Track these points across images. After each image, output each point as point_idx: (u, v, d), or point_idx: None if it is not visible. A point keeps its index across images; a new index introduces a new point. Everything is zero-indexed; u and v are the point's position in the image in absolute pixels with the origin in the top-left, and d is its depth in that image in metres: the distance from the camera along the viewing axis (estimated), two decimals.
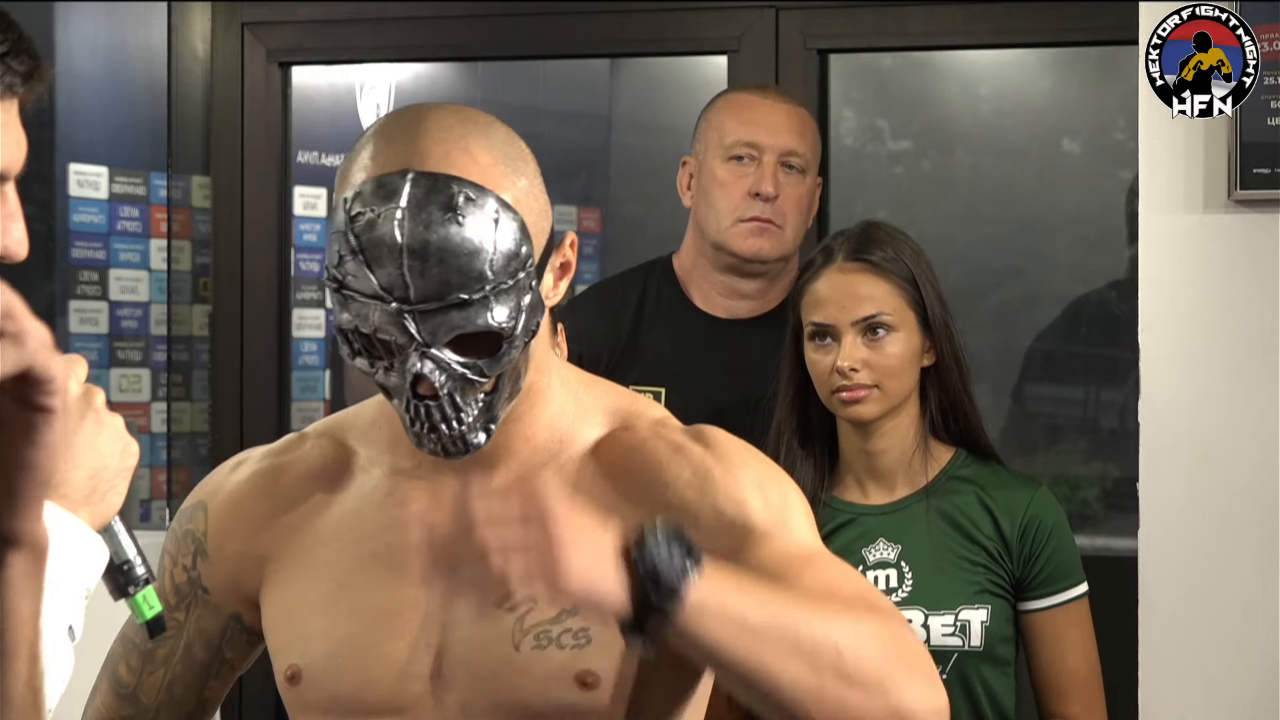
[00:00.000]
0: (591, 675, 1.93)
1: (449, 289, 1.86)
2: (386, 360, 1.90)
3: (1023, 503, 3.03)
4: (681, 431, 2.03)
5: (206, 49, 4.68)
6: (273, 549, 2.07)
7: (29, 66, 1.56)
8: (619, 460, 2.01)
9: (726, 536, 1.96)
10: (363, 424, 2.08)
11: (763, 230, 3.40)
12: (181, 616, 2.15)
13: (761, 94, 3.52)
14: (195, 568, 2.13)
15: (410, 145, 1.90)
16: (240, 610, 2.12)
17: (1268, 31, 3.11)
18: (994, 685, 3.00)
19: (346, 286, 1.88)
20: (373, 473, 2.05)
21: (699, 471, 1.98)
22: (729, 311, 3.46)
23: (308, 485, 2.08)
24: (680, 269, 3.52)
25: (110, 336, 4.79)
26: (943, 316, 3.04)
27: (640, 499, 1.98)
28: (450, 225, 1.86)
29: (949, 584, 3.00)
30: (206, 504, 2.13)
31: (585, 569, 1.76)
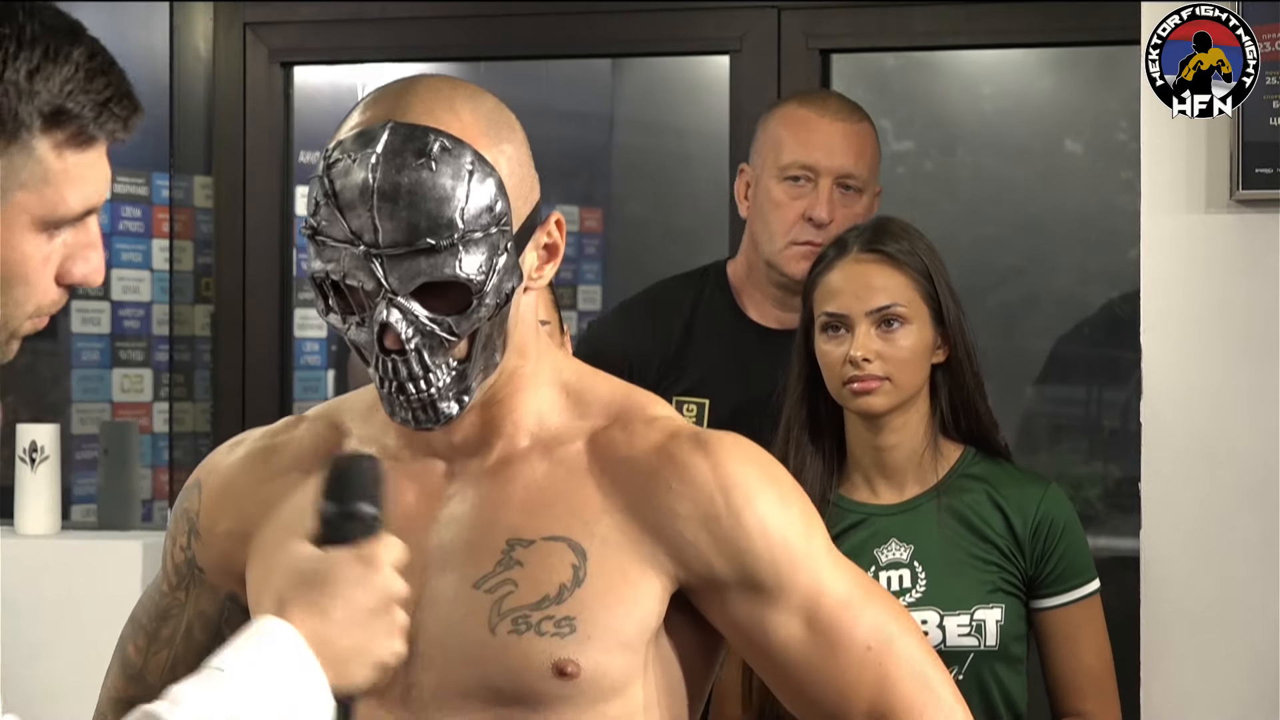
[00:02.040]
0: (572, 665, 1.92)
1: (417, 233, 1.86)
2: (358, 315, 1.90)
3: (1034, 501, 3.03)
4: (684, 442, 1.99)
5: (208, 49, 4.68)
6: (257, 526, 2.08)
7: (129, 110, 1.65)
8: (617, 465, 1.99)
9: (745, 594, 1.98)
10: (361, 407, 2.09)
11: (814, 254, 3.36)
12: (182, 597, 2.16)
13: (821, 109, 3.42)
14: (190, 547, 2.14)
15: (396, 101, 1.92)
16: (235, 589, 2.12)
17: (1268, 31, 3.12)
18: (1008, 684, 3.00)
19: (320, 232, 1.89)
20: (364, 453, 2.04)
21: (707, 515, 1.96)
22: (780, 322, 3.43)
23: (297, 466, 2.08)
24: (734, 277, 3.49)
25: (112, 336, 4.79)
26: (956, 313, 3.04)
27: (645, 519, 1.97)
28: (422, 170, 1.87)
29: (963, 584, 2.99)
30: (202, 483, 2.14)
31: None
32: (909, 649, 2.02)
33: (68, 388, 4.79)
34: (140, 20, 4.75)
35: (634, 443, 1.99)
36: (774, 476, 2.02)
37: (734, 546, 1.96)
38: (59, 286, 1.67)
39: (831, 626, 2.00)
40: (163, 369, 4.80)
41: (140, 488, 4.35)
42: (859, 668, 2.00)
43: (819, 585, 1.99)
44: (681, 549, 1.96)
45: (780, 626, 1.99)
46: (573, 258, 6.15)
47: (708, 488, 1.97)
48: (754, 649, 2.01)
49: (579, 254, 6.21)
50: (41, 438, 4.15)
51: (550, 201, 2.02)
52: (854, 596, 2.01)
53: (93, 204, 1.66)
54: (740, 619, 1.99)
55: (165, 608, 2.18)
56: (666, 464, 1.97)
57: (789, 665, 2.01)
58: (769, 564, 1.97)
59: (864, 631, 2.00)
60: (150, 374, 4.82)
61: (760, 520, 1.97)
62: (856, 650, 2.00)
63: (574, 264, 6.16)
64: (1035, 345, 5.54)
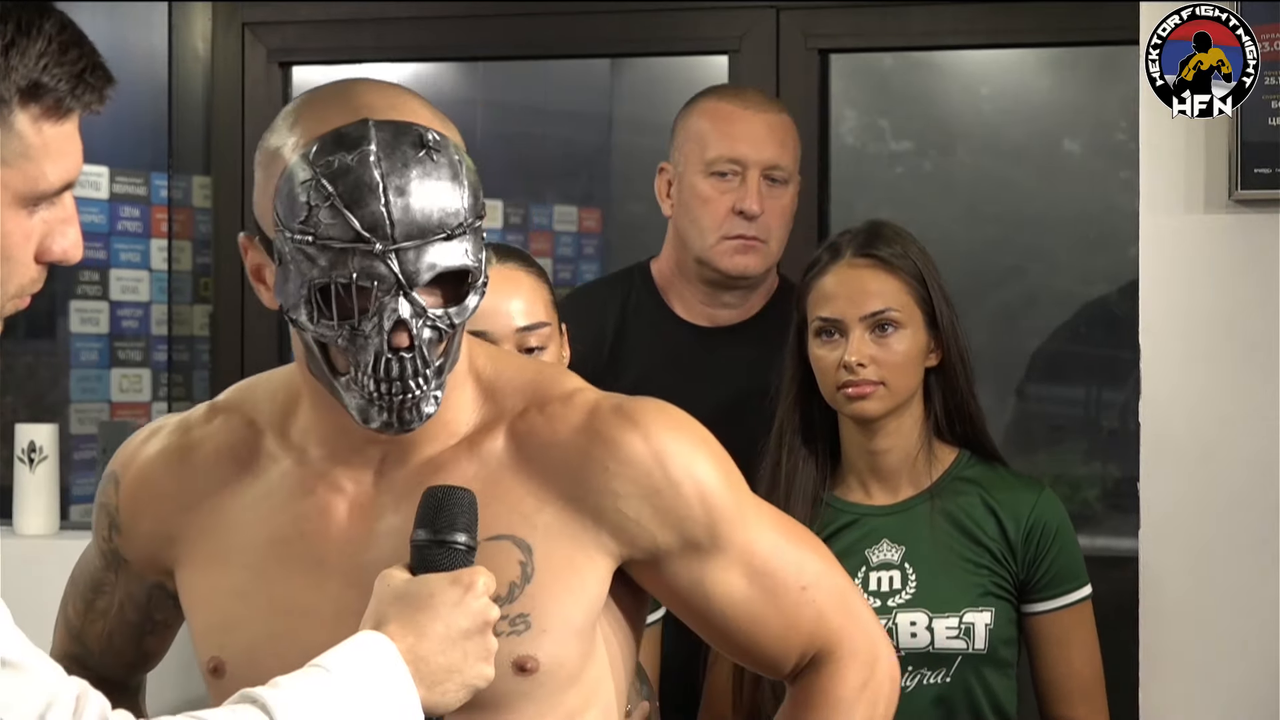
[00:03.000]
0: (530, 660, 1.93)
1: (430, 223, 1.86)
2: (355, 319, 1.88)
3: (1027, 505, 3.03)
4: (609, 416, 2.00)
5: (207, 49, 4.68)
6: (183, 531, 2.07)
7: (103, 81, 1.68)
8: (546, 452, 1.99)
9: (687, 558, 2.01)
10: (274, 407, 2.07)
11: (748, 248, 3.36)
12: (112, 577, 2.17)
13: (742, 103, 3.42)
14: (112, 540, 2.14)
15: (350, 102, 1.92)
16: (161, 580, 2.12)
17: (1268, 31, 3.11)
18: (996, 687, 3.00)
19: (320, 236, 1.86)
20: (283, 461, 2.04)
21: (647, 490, 1.98)
22: (710, 319, 3.43)
23: (216, 466, 2.06)
24: (660, 276, 3.48)
25: (111, 336, 4.79)
26: (949, 316, 3.04)
27: (585, 504, 1.98)
28: (425, 162, 1.87)
29: (953, 586, 3.00)
30: (119, 477, 2.13)
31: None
32: (834, 580, 2.09)
33: (66, 388, 4.79)
34: (139, 20, 4.75)
35: (556, 426, 2.00)
36: (701, 438, 2.04)
37: (676, 515, 1.99)
38: (38, 264, 1.67)
39: (769, 574, 2.04)
40: (161, 369, 4.80)
41: None
42: (797, 608, 2.06)
43: (752, 536, 2.03)
44: (625, 527, 1.98)
45: (721, 583, 2.02)
46: (571, 258, 6.15)
47: (644, 463, 1.98)
48: (694, 609, 2.05)
49: (577, 254, 6.21)
50: (40, 438, 4.15)
51: (548, 201, 2.02)
52: (781, 540, 2.06)
53: (70, 178, 1.67)
54: (681, 583, 2.02)
55: (99, 582, 2.18)
56: (597, 443, 1.98)
57: (732, 619, 2.04)
58: (708, 526, 2.00)
59: (796, 572, 2.05)
60: (149, 374, 4.82)
61: (698, 486, 2.00)
62: (793, 592, 2.05)
63: (572, 264, 6.16)
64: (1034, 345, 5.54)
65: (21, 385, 4.80)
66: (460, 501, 1.87)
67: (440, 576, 1.84)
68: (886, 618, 2.98)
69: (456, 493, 1.88)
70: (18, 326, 4.84)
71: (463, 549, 1.86)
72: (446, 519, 1.87)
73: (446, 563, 1.85)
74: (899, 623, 2.97)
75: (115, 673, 2.25)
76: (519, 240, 5.97)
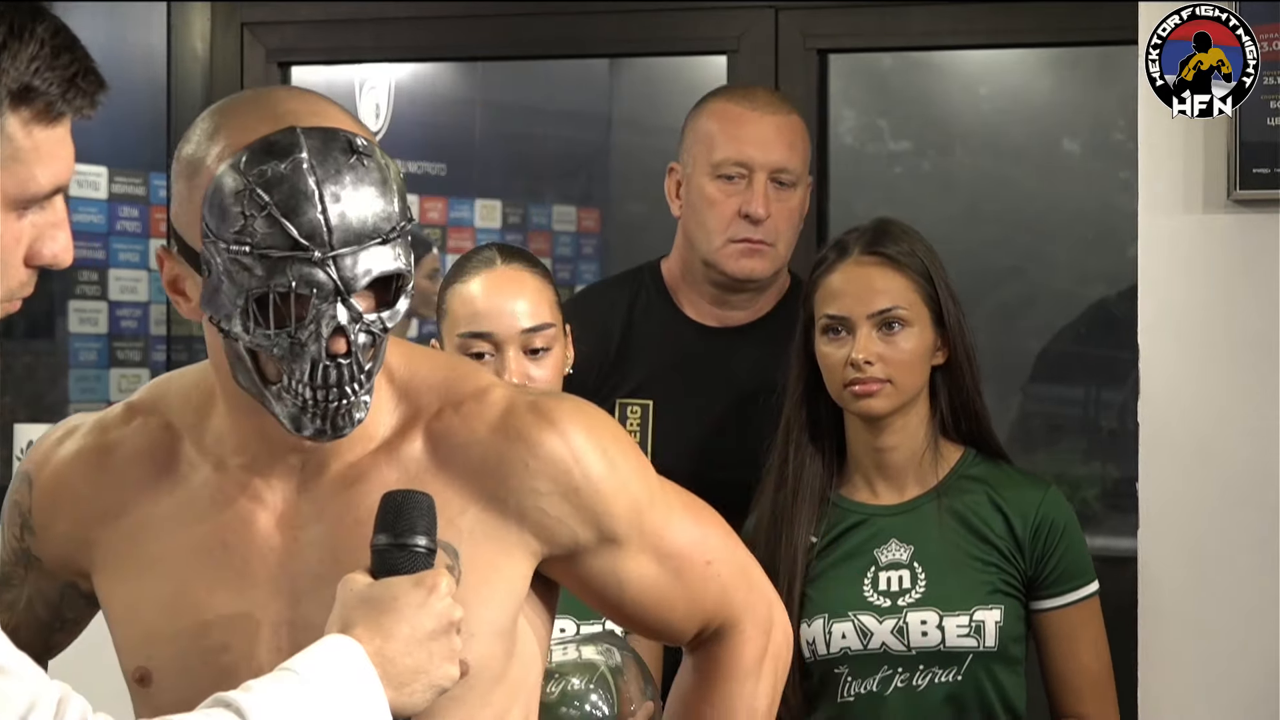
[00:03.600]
0: (461, 663, 1.91)
1: (366, 228, 1.86)
2: (291, 326, 1.87)
3: (1034, 503, 3.03)
4: (526, 415, 2.00)
5: (206, 49, 4.68)
6: (100, 535, 2.05)
7: (95, 86, 1.66)
8: (463, 452, 1.99)
9: (603, 551, 2.03)
10: (189, 410, 2.05)
11: (754, 251, 3.33)
12: (22, 572, 2.14)
13: (750, 104, 3.39)
14: (24, 540, 2.12)
15: (273, 110, 1.91)
16: (74, 580, 2.11)
17: (1268, 31, 3.11)
18: (1006, 685, 3.00)
19: (257, 246, 1.85)
20: (202, 468, 2.02)
21: (567, 488, 1.99)
22: (719, 320, 3.42)
23: (134, 471, 2.05)
24: (669, 276, 3.46)
25: (109, 336, 4.79)
26: (956, 314, 3.04)
27: (506, 504, 1.98)
28: (357, 167, 1.87)
29: (963, 584, 3.00)
30: (32, 477, 2.11)
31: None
32: (733, 553, 2.14)
33: (65, 388, 4.79)
34: (138, 20, 4.75)
35: (473, 425, 2.00)
36: (614, 434, 2.06)
37: (594, 511, 2.01)
38: (28, 268, 1.67)
39: (677, 554, 2.08)
40: (160, 369, 4.80)
41: None
42: (704, 583, 2.10)
43: (662, 521, 2.06)
44: (547, 525, 1.99)
45: (634, 571, 2.05)
46: (570, 257, 6.15)
47: (563, 461, 1.99)
48: (605, 598, 2.08)
49: (576, 254, 6.21)
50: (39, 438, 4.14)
51: (547, 201, 2.02)
52: (687, 519, 2.10)
53: (61, 182, 1.66)
54: (594, 574, 2.04)
55: (6, 575, 2.16)
56: (516, 442, 1.99)
57: (643, 603, 2.08)
58: (625, 519, 2.03)
59: (702, 549, 2.09)
60: (148, 374, 4.82)
61: (614, 481, 2.02)
62: (699, 568, 2.09)
63: (571, 264, 6.16)
64: (1033, 345, 5.54)
65: (20, 385, 4.80)
66: (419, 505, 1.88)
67: (403, 579, 1.84)
68: (897, 617, 2.98)
69: (415, 496, 1.88)
70: (17, 326, 4.84)
71: (423, 551, 1.87)
72: (406, 523, 1.87)
73: (408, 566, 1.86)
74: (909, 622, 2.97)
75: None
76: (518, 240, 5.97)
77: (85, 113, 1.66)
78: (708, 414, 3.33)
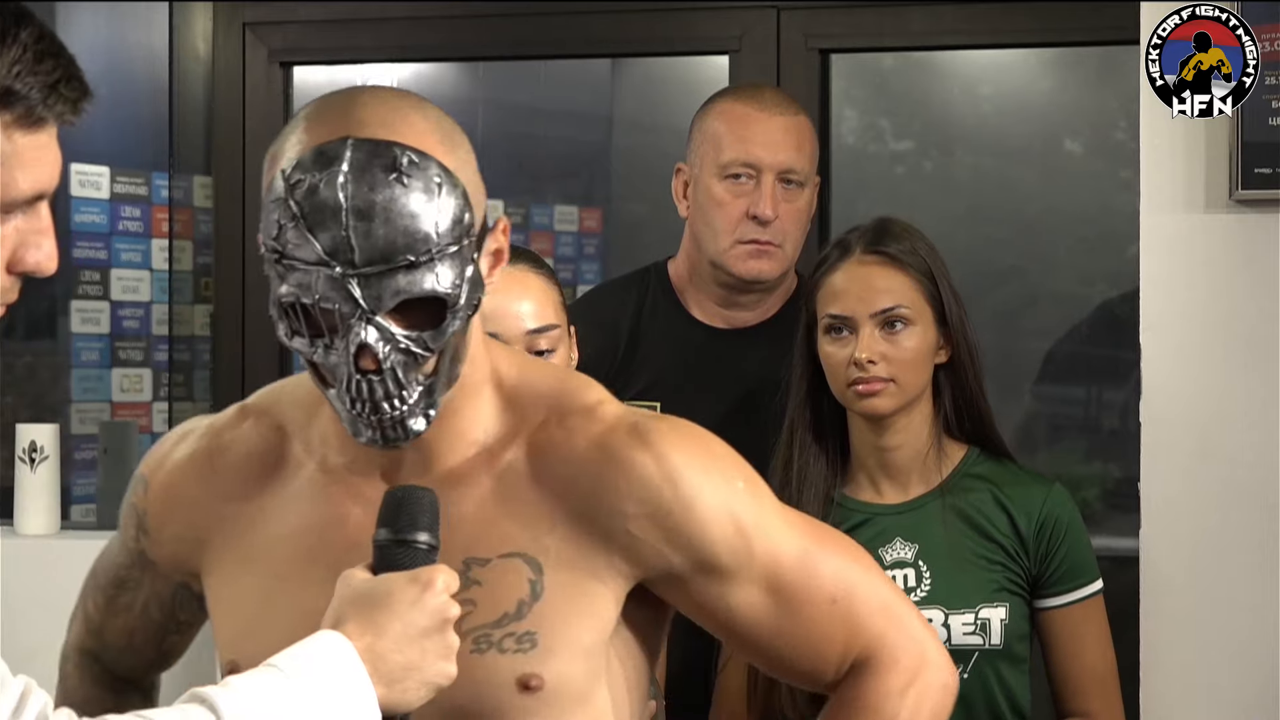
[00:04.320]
0: (535, 678, 1.92)
1: (394, 250, 1.83)
2: (327, 337, 1.87)
3: (1038, 500, 3.03)
4: (623, 436, 1.98)
5: (208, 49, 4.68)
6: (210, 535, 2.06)
7: (78, 93, 1.65)
8: (560, 468, 1.97)
9: (705, 578, 1.98)
10: (300, 414, 2.05)
11: (762, 253, 3.33)
12: (137, 574, 2.16)
13: (758, 104, 3.38)
14: (139, 541, 2.13)
15: (347, 116, 1.88)
16: (186, 581, 2.12)
17: (1268, 31, 3.12)
18: (1011, 683, 3.01)
19: (287, 255, 1.84)
20: (307, 466, 2.03)
21: (657, 511, 1.95)
22: (727, 321, 3.41)
23: (244, 472, 2.06)
24: (676, 277, 3.46)
25: (112, 336, 4.79)
26: (958, 313, 3.04)
27: (595, 524, 1.96)
28: (395, 186, 1.83)
29: (968, 583, 3.00)
30: (148, 480, 2.13)
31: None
32: (871, 589, 2.04)
33: (67, 388, 4.79)
34: (140, 20, 4.75)
35: (574, 441, 1.98)
36: (715, 455, 2.01)
37: (686, 536, 1.96)
38: (10, 274, 1.66)
39: (794, 589, 2.00)
40: (162, 369, 4.80)
41: None
42: (827, 621, 2.01)
43: (775, 552, 2.00)
44: (635, 548, 1.96)
45: (743, 602, 2.00)
46: (572, 258, 6.15)
47: (654, 482, 1.96)
48: (721, 626, 2.02)
49: (578, 254, 6.21)
50: (41, 438, 4.15)
51: (549, 202, 2.01)
52: (809, 552, 2.02)
53: (43, 188, 1.65)
54: (704, 601, 1.99)
55: (122, 579, 2.18)
56: (610, 462, 1.96)
57: (759, 635, 2.01)
58: (725, 546, 1.97)
59: (826, 585, 2.01)
60: (150, 374, 4.82)
61: (711, 506, 1.97)
62: (822, 605, 2.01)
63: (573, 264, 6.16)
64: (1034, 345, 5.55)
65: (22, 385, 4.80)
66: (421, 501, 1.86)
67: (399, 575, 1.83)
68: None
69: (417, 492, 1.87)
70: (18, 326, 4.84)
71: (424, 548, 1.85)
72: (408, 518, 1.86)
73: (408, 562, 1.84)
74: None
75: (133, 671, 2.25)
76: (519, 240, 5.97)
77: (67, 119, 1.65)
78: (715, 415, 3.32)
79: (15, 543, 4.09)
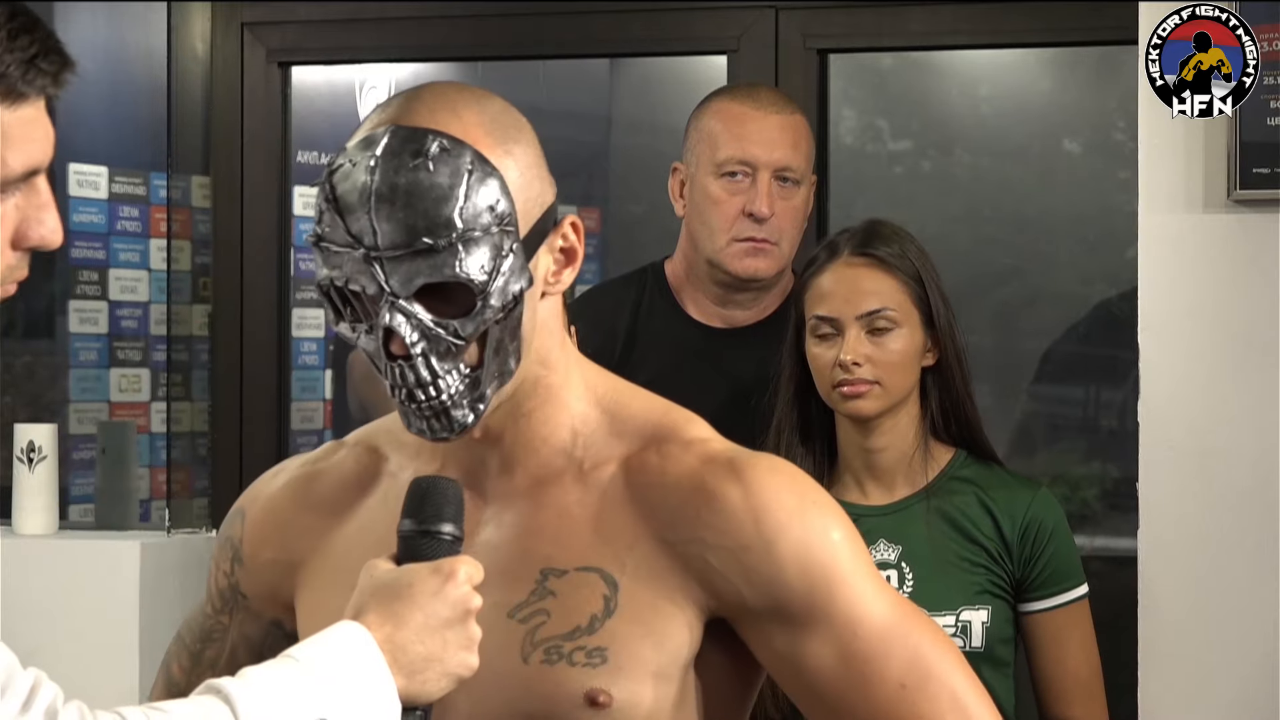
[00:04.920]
0: (604, 695, 1.89)
1: (414, 234, 1.83)
2: (365, 322, 1.88)
3: (1023, 504, 3.03)
4: (719, 469, 1.96)
5: (206, 49, 4.68)
6: (305, 556, 2.06)
7: (58, 65, 1.64)
8: (649, 491, 1.95)
9: (777, 622, 1.94)
10: (396, 428, 2.04)
11: (758, 250, 3.33)
12: (226, 620, 2.15)
13: (754, 102, 3.38)
14: (234, 574, 2.13)
15: (403, 107, 1.90)
16: (280, 616, 2.11)
17: (1268, 31, 3.12)
18: (993, 686, 3.00)
19: (324, 239, 1.87)
20: (400, 477, 2.02)
21: (737, 545, 1.92)
22: (724, 320, 3.41)
23: (340, 493, 2.06)
24: (673, 276, 3.46)
25: (110, 336, 4.79)
26: (946, 316, 3.04)
27: (674, 548, 1.94)
28: (419, 171, 1.84)
29: (950, 585, 3.00)
30: (245, 511, 2.13)
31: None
32: (946, 682, 1.96)
33: (65, 387, 4.79)
34: (138, 20, 4.75)
35: (668, 468, 1.96)
36: (812, 500, 1.96)
37: (764, 576, 1.92)
38: (15, 251, 1.66)
39: (866, 661, 1.94)
40: (160, 369, 4.80)
41: (138, 488, 4.35)
42: (892, 704, 1.94)
43: (855, 617, 1.94)
44: (711, 579, 1.93)
45: (812, 656, 1.94)
46: None
47: (738, 516, 1.93)
48: (788, 676, 1.97)
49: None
50: (39, 438, 4.15)
51: None
52: (892, 630, 1.95)
53: (35, 163, 1.65)
54: (774, 647, 1.95)
55: (209, 630, 2.16)
56: (697, 492, 1.94)
57: (821, 695, 1.96)
58: (802, 594, 1.93)
59: (899, 668, 1.94)
60: (148, 374, 4.82)
61: (794, 549, 1.93)
62: (890, 687, 1.94)
63: None
64: (1033, 345, 5.54)
65: (20, 385, 4.80)
66: (445, 492, 1.86)
67: (421, 566, 1.82)
68: None
69: (441, 483, 1.86)
70: (16, 326, 4.84)
71: (448, 539, 1.84)
72: (433, 509, 1.85)
73: (432, 553, 1.83)
74: None
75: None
76: None
77: (49, 91, 1.64)
78: (713, 414, 3.31)
79: (13, 543, 4.09)
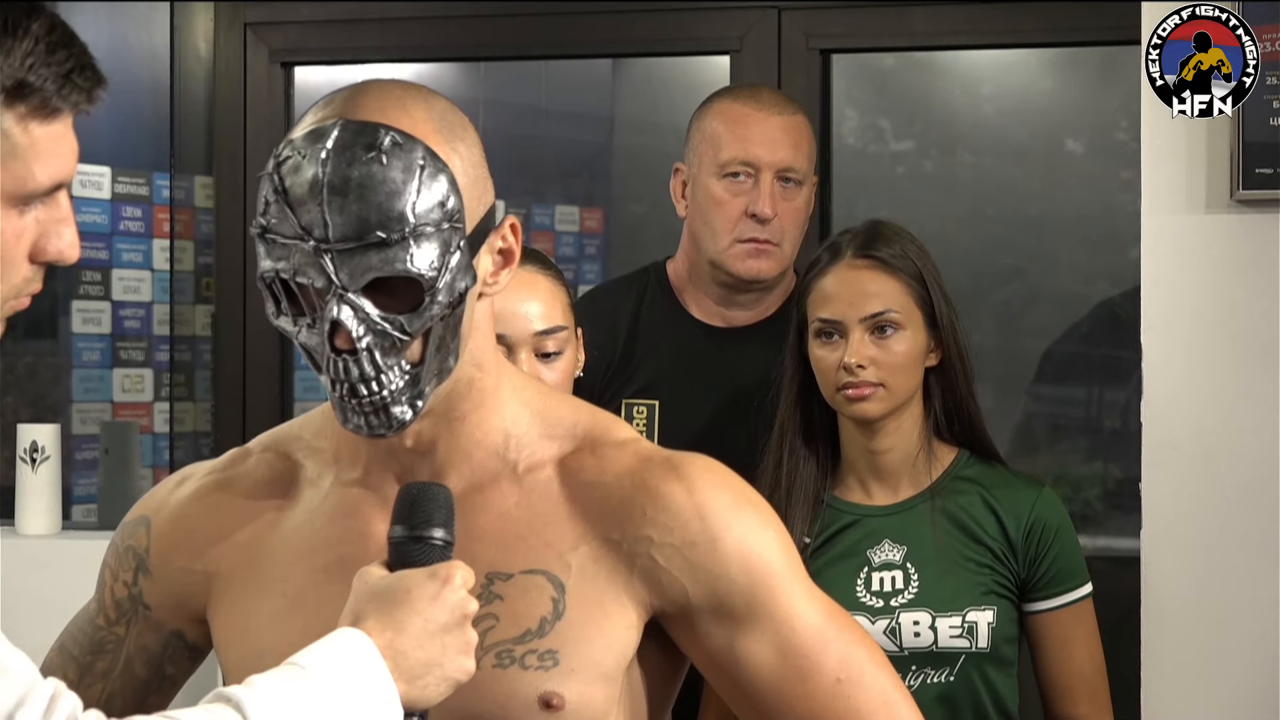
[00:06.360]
0: (556, 697, 1.91)
1: (366, 227, 1.83)
2: (309, 316, 1.87)
3: (1028, 504, 3.03)
4: (657, 467, 1.97)
5: (209, 49, 4.68)
6: (220, 566, 2.04)
7: (92, 82, 1.66)
8: (589, 491, 1.97)
9: (718, 619, 1.97)
10: (308, 435, 2.05)
11: (761, 252, 3.33)
12: (121, 631, 2.12)
13: (756, 104, 3.39)
14: (136, 584, 2.10)
15: (348, 101, 1.90)
16: (183, 628, 2.09)
17: (1268, 31, 3.12)
18: (998, 686, 3.00)
19: (270, 230, 1.85)
20: (320, 485, 2.02)
21: (682, 541, 1.95)
22: (725, 320, 3.42)
23: (254, 499, 2.05)
24: (675, 276, 3.46)
25: (113, 336, 4.79)
26: (949, 316, 3.04)
27: (620, 548, 1.95)
28: (373, 164, 1.84)
29: (955, 585, 3.00)
30: (149, 520, 2.10)
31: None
32: (877, 680, 2.01)
33: (68, 388, 4.80)
34: (141, 21, 4.75)
35: (605, 467, 1.97)
36: (749, 500, 2.00)
37: (708, 572, 1.95)
38: (33, 264, 1.67)
39: (803, 656, 1.98)
40: (163, 369, 4.80)
41: (141, 488, 4.36)
42: (829, 699, 1.99)
43: (793, 613, 1.98)
44: (656, 576, 1.95)
45: (751, 654, 1.98)
46: (573, 258, 6.15)
47: (683, 513, 1.95)
48: (724, 676, 2.00)
49: (579, 254, 6.21)
50: (42, 438, 4.15)
51: (550, 202, 2.01)
52: (827, 627, 2.00)
53: (61, 178, 1.66)
54: (712, 646, 1.98)
55: (100, 641, 2.14)
56: (640, 490, 1.96)
57: (758, 693, 1.99)
58: (743, 590, 1.96)
59: (835, 662, 1.99)
60: (151, 374, 4.83)
61: (737, 545, 1.96)
62: (827, 681, 1.99)
63: (574, 264, 6.16)
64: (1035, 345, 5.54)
65: (23, 385, 4.81)
66: (436, 497, 1.86)
67: (417, 572, 1.82)
68: (890, 617, 2.98)
69: (432, 488, 1.87)
70: (19, 326, 4.85)
71: (440, 544, 1.85)
72: (423, 515, 1.85)
73: (423, 559, 1.84)
74: (902, 622, 2.98)
75: None
76: None
77: (83, 108, 1.66)
78: (714, 414, 3.33)
79: (16, 543, 4.09)
